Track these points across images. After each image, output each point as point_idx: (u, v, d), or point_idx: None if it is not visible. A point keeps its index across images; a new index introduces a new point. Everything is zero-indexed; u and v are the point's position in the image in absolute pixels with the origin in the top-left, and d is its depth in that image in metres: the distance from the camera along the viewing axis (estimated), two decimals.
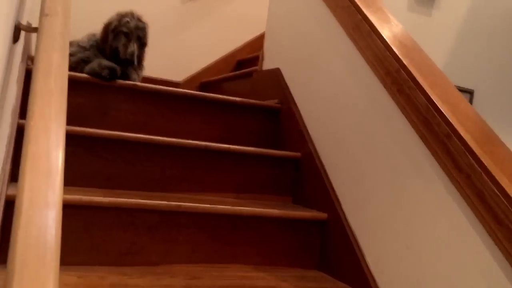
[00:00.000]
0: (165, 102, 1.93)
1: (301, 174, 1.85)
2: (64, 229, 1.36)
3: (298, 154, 1.87)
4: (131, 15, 1.99)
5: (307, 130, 1.88)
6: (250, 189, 1.84)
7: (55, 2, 0.97)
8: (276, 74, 2.15)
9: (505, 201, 1.07)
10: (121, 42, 1.95)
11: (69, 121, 1.73)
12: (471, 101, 2.63)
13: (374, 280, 1.43)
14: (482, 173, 1.13)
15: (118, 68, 1.83)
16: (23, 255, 0.56)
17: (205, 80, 3.13)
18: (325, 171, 1.74)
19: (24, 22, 1.21)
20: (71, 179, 1.53)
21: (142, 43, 2.02)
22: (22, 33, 1.24)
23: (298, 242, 1.66)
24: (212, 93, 2.91)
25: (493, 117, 2.70)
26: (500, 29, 2.72)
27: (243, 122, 2.05)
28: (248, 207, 1.59)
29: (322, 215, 1.66)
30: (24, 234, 0.59)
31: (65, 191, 1.41)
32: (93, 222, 1.40)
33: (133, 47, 1.95)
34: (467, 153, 1.18)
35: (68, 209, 1.36)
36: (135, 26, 1.97)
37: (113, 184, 1.60)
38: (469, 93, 2.63)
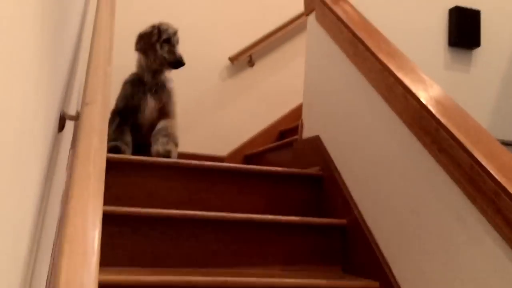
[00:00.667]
0: (207, 177, 1.96)
1: (349, 241, 1.80)
2: None
3: (344, 221, 1.83)
4: (166, 24, 2.23)
5: (351, 196, 1.85)
6: (297, 260, 1.80)
7: (95, 91, 1.04)
8: (316, 142, 2.16)
9: None
10: (165, 49, 2.18)
11: (115, 202, 1.78)
12: None
13: None
14: None
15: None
16: None
17: (249, 152, 3.17)
18: (373, 236, 1.68)
19: (72, 111, 1.29)
20: (118, 259, 1.55)
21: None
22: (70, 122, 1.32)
23: None
24: (256, 164, 2.95)
25: None
26: None
27: (286, 191, 2.04)
28: (294, 279, 1.55)
29: (374, 285, 1.59)
30: None
31: (113, 272, 1.43)
32: None
33: (179, 50, 2.20)
34: None
35: None
36: (173, 32, 2.20)
37: (159, 262, 1.61)
38: None
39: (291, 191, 2.05)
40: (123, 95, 2.26)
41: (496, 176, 1.20)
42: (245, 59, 3.27)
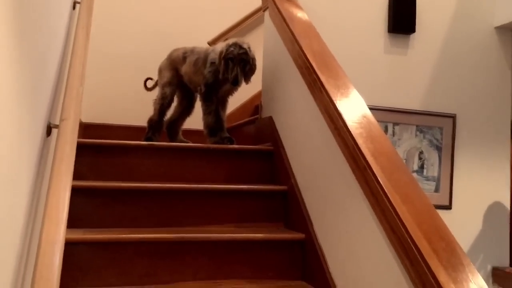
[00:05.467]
0: (179, 155, 2.42)
1: (288, 203, 2.27)
2: (98, 260, 1.86)
3: (285, 187, 2.30)
4: (234, 44, 2.53)
5: (290, 167, 2.30)
6: (248, 219, 2.27)
7: (69, 109, 1.49)
8: (269, 122, 2.60)
9: (394, 215, 1.45)
10: (228, 67, 2.50)
11: (103, 177, 2.26)
12: (454, 125, 2.92)
13: (332, 279, 1.82)
14: (383, 197, 1.51)
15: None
16: (40, 270, 1.05)
17: (229, 125, 3.62)
18: (302, 199, 2.15)
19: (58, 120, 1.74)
20: (102, 222, 2.04)
21: (245, 64, 2.53)
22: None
23: (284, 258, 2.07)
24: (234, 135, 3.41)
25: (476, 139, 2.98)
26: (476, 55, 3.02)
27: (244, 163, 2.51)
28: (237, 234, 2.03)
29: (300, 236, 2.07)
30: (41, 261, 1.08)
31: (97, 232, 1.92)
32: (119, 254, 1.89)
33: (236, 70, 2.50)
34: (375, 182, 1.56)
35: (100, 245, 1.86)
36: (237, 53, 2.50)
37: (135, 224, 2.09)
38: (451, 117, 2.92)
39: (248, 163, 2.51)
40: (213, 73, 2.63)
41: (366, 156, 1.64)
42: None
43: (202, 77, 2.68)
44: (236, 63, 2.50)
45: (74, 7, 2.29)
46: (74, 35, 1.88)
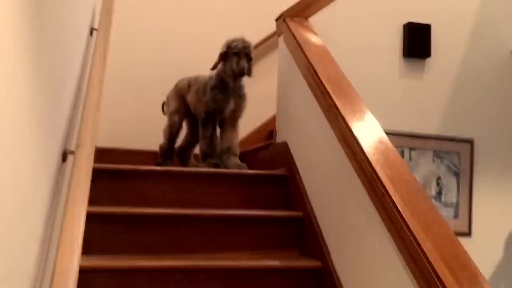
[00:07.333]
0: (192, 180, 2.41)
1: (304, 230, 2.23)
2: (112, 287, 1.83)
3: (300, 213, 2.26)
4: (236, 39, 2.59)
5: (306, 193, 2.27)
6: (263, 246, 2.23)
7: (85, 135, 1.49)
8: (284, 147, 2.58)
9: (414, 243, 1.41)
10: (234, 61, 2.53)
11: (118, 203, 2.25)
12: (471, 150, 2.88)
13: None
14: (403, 224, 1.48)
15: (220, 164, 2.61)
16: None
17: (243, 150, 3.60)
18: (319, 227, 2.11)
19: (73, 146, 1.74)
20: (117, 248, 2.02)
21: (249, 58, 2.60)
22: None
23: (299, 287, 2.02)
24: (248, 160, 3.40)
25: (494, 164, 2.92)
26: (493, 79, 2.99)
27: (258, 189, 2.48)
28: (254, 261, 1.99)
29: (316, 264, 2.03)
30: None
31: (111, 259, 1.90)
32: (133, 281, 1.86)
33: (244, 63, 2.54)
34: (393, 209, 1.53)
35: (114, 272, 1.84)
36: (242, 46, 2.55)
37: (149, 250, 2.07)
38: (469, 142, 2.88)
39: (263, 189, 2.49)
40: (213, 99, 2.69)
41: (384, 183, 1.61)
42: None
43: (204, 105, 2.73)
44: (241, 57, 2.57)
45: (91, 34, 2.32)
46: (91, 61, 1.90)
